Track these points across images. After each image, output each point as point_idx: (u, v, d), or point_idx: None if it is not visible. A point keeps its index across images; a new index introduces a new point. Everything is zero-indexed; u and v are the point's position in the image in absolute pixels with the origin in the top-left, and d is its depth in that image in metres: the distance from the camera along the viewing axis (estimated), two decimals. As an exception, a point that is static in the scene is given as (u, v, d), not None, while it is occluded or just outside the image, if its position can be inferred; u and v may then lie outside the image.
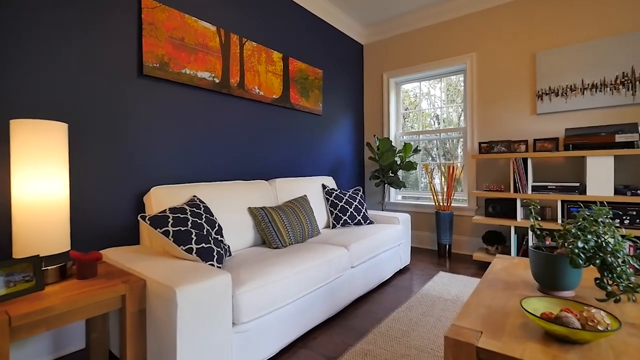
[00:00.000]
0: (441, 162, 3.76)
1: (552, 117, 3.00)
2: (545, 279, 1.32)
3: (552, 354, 0.92)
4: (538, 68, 3.05)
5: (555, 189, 2.66)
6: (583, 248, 1.15)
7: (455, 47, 3.51)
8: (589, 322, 0.96)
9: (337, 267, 1.97)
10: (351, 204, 2.87)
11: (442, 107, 3.90)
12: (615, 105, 2.72)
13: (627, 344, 0.96)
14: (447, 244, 3.33)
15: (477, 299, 1.31)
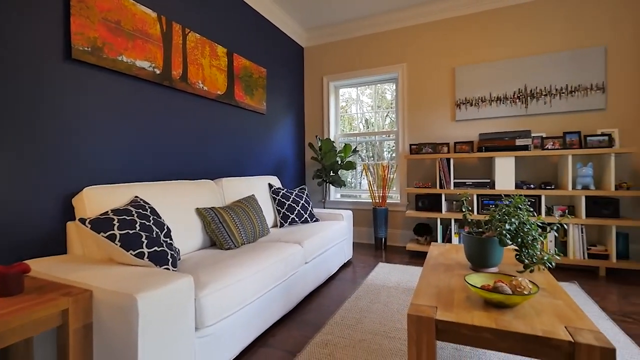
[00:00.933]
0: (369, 162, 4.06)
1: (468, 123, 3.49)
2: (477, 259, 1.56)
3: (494, 317, 1.10)
4: (457, 81, 3.52)
5: (472, 184, 3.11)
6: (509, 230, 1.40)
7: (389, 57, 3.84)
8: (517, 288, 1.18)
9: (292, 263, 2.00)
10: (298, 202, 2.92)
11: (370, 113, 4.22)
12: (514, 115, 3.30)
13: (542, 303, 1.20)
14: (383, 237, 3.61)
15: (426, 281, 1.48)
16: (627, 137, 2.93)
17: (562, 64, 3.13)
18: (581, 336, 0.98)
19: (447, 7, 3.50)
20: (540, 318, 1.10)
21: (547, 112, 3.18)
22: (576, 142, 2.93)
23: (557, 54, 3.15)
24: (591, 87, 3.04)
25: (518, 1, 3.27)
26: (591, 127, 3.03)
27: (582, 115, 3.08)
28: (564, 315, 1.12)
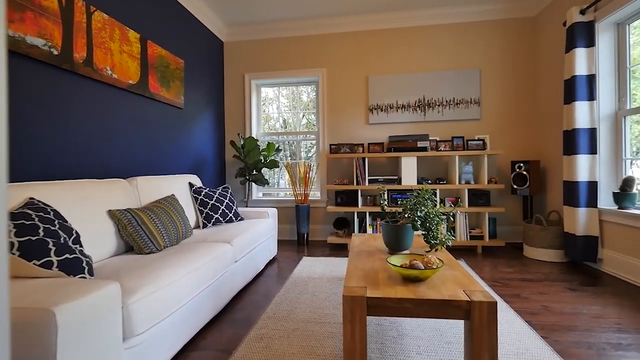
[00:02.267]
0: (292, 161, 4.19)
1: (379, 126, 3.90)
2: (394, 243, 1.81)
3: (412, 289, 1.32)
4: (370, 88, 3.90)
5: (383, 181, 3.50)
6: (420, 217, 1.66)
7: (310, 61, 4.01)
8: (428, 264, 1.43)
9: (223, 263, 1.96)
10: (222, 201, 2.84)
11: (288, 113, 4.35)
12: (415, 121, 3.83)
13: (446, 275, 1.48)
14: (306, 232, 3.77)
15: (353, 265, 1.66)
16: (496, 141, 3.71)
17: (451, 80, 3.77)
18: (474, 296, 1.25)
19: (361, 21, 3.85)
20: (446, 286, 1.35)
21: (440, 120, 3.79)
22: (461, 145, 3.57)
23: (447, 72, 3.78)
24: (471, 101, 3.74)
25: (418, 24, 3.80)
26: (471, 133, 3.73)
27: (465, 123, 3.76)
28: (461, 282, 1.40)
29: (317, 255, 3.24)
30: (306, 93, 4.33)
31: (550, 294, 2.11)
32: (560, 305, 1.95)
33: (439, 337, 1.63)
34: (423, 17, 3.77)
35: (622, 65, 2.68)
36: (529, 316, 1.81)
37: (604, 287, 2.24)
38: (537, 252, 2.96)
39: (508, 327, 1.69)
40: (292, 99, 4.37)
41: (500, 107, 3.72)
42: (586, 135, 2.70)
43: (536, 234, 2.95)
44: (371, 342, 1.62)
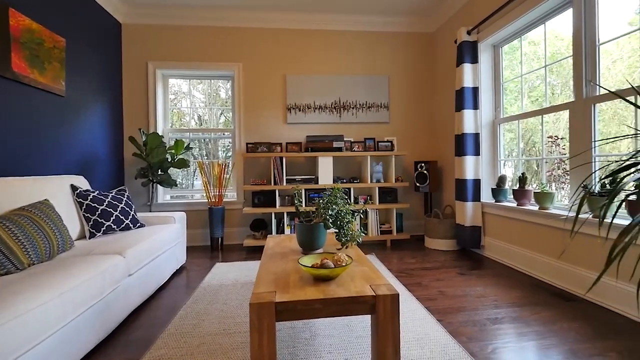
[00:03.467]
0: (204, 161, 3.91)
1: (297, 126, 3.89)
2: (307, 243, 1.79)
3: (322, 289, 1.30)
4: (288, 87, 3.86)
5: (300, 180, 3.50)
6: (331, 215, 1.67)
7: (225, 54, 3.78)
8: (338, 262, 1.44)
9: (112, 278, 1.68)
10: (116, 206, 2.46)
11: (204, 109, 4.06)
12: (331, 122, 3.93)
13: (355, 271, 1.51)
14: (220, 237, 3.54)
15: (265, 269, 1.58)
16: (402, 143, 4.04)
17: (363, 85, 3.98)
18: (379, 290, 1.29)
19: (281, 18, 3.78)
20: (354, 282, 1.38)
21: (354, 122, 3.97)
22: (372, 146, 3.79)
23: (361, 76, 3.97)
24: (381, 105, 4.01)
25: (335, 28, 3.91)
26: (381, 135, 4.00)
27: (376, 126, 4.01)
28: (369, 277, 1.44)
29: (232, 260, 3.06)
30: (224, 89, 4.08)
31: (445, 280, 2.36)
32: (452, 289, 2.19)
33: (350, 333, 1.66)
34: (340, 22, 3.89)
35: (497, 81, 3.17)
36: (428, 302, 1.99)
37: (485, 269, 2.61)
38: (435, 242, 3.31)
39: (411, 315, 1.82)
40: (208, 94, 4.07)
41: (405, 112, 4.07)
42: (472, 139, 3.12)
43: (434, 226, 3.31)
44: (282, 347, 1.56)
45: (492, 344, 1.52)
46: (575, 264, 2.14)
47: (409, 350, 1.50)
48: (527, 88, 2.83)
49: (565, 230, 2.20)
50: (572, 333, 1.60)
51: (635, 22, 1.97)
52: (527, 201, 2.58)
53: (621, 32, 2.02)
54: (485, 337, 1.57)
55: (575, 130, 2.24)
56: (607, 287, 1.90)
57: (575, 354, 1.43)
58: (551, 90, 2.59)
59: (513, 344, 1.52)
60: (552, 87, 2.57)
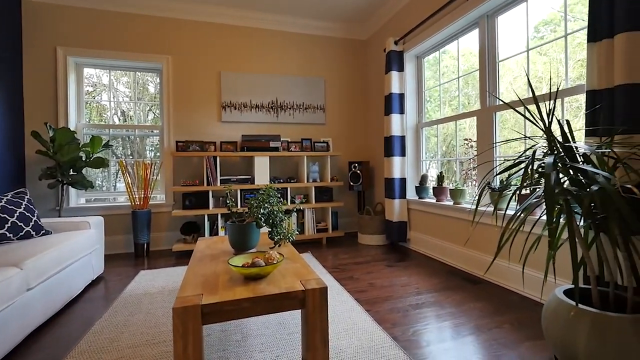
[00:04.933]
0: (128, 160, 3.60)
1: (233, 125, 3.78)
2: (239, 243, 1.76)
3: (252, 288, 1.29)
4: (223, 84, 3.73)
5: (236, 181, 3.41)
6: (263, 214, 1.66)
7: (153, 45, 3.50)
8: (269, 260, 1.44)
9: (4, 293, 1.44)
10: (13, 211, 2.12)
11: (129, 104, 3.73)
12: (269, 121, 3.90)
13: (287, 268, 1.53)
14: (145, 242, 3.27)
15: (192, 272, 1.51)
16: (337, 144, 4.19)
17: (301, 86, 4.03)
18: (309, 284, 1.33)
19: (216, 12, 3.64)
20: (285, 279, 1.39)
21: (292, 122, 3.99)
22: (309, 146, 3.86)
23: (297, 77, 4.02)
24: (317, 106, 4.10)
25: (273, 27, 3.90)
26: (317, 136, 4.10)
27: (312, 127, 4.09)
28: (300, 273, 1.47)
29: (159, 267, 2.85)
30: (153, 84, 3.77)
31: (374, 272, 2.52)
32: (381, 280, 2.35)
33: (282, 330, 1.67)
34: (278, 22, 3.89)
35: (420, 89, 3.48)
36: (358, 294, 2.10)
37: (410, 261, 2.85)
38: (367, 238, 3.50)
39: (342, 307, 1.91)
40: (134, 88, 3.72)
41: (340, 114, 4.23)
42: (399, 141, 3.37)
43: (366, 223, 3.50)
44: (212, 351, 1.51)
45: (413, 327, 1.67)
46: (480, 250, 2.46)
47: (338, 340, 1.56)
48: (448, 97, 3.15)
49: (476, 222, 2.51)
50: (477, 311, 1.83)
51: (529, 44, 2.34)
52: (444, 197, 2.88)
53: (518, 52, 2.38)
54: (407, 322, 1.72)
55: (481, 135, 2.57)
56: (503, 268, 2.22)
57: (479, 328, 1.64)
58: (467, 100, 2.92)
59: (430, 325, 1.69)
60: (468, 97, 2.91)
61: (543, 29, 2.22)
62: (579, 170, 1.26)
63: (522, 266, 1.43)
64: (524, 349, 1.46)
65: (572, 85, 1.95)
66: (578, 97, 1.96)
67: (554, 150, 1.35)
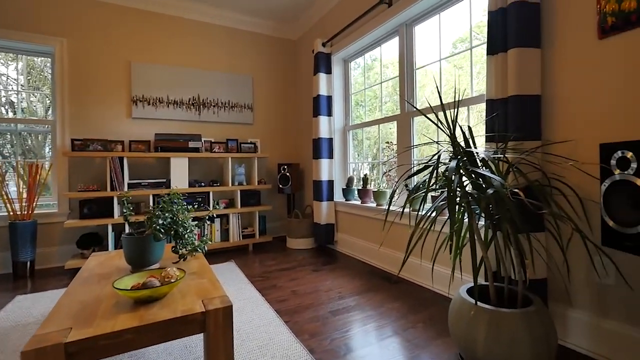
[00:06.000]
0: (19, 161, 2.98)
1: (145, 122, 3.37)
2: (137, 259, 1.51)
3: (140, 314, 1.09)
4: (133, 76, 3.30)
5: (148, 185, 3.03)
6: (162, 224, 1.45)
7: (42, 23, 2.93)
8: (165, 279, 1.25)
9: None
10: None
11: (20, 93, 3.08)
12: (189, 120, 3.58)
13: (190, 286, 1.35)
14: (29, 260, 2.72)
15: (68, 298, 1.24)
16: (265, 145, 4.03)
17: (227, 83, 3.78)
18: (211, 304, 1.17)
19: (116, -8, 3.19)
20: (185, 300, 1.21)
21: (216, 121, 3.72)
22: (235, 147, 3.64)
23: (223, 73, 3.76)
24: (244, 105, 3.90)
25: (196, 18, 3.58)
26: (244, 136, 3.89)
27: (239, 127, 3.87)
28: (204, 291, 1.30)
29: (43, 290, 2.37)
30: (47, 70, 3.16)
31: (299, 279, 2.43)
32: (304, 287, 2.27)
33: (188, 355, 1.48)
34: (203, 13, 3.58)
35: (347, 92, 3.52)
36: (279, 304, 1.99)
37: (336, 263, 2.84)
38: (296, 242, 3.42)
39: (259, 320, 1.77)
40: (26, 75, 3.07)
41: (269, 114, 4.08)
42: (327, 144, 3.36)
43: (295, 226, 3.41)
44: (93, 393, 1.25)
45: (332, 336, 1.61)
46: (398, 250, 2.54)
47: (251, 360, 1.43)
48: (378, 102, 3.22)
49: (394, 222, 2.59)
50: (394, 312, 1.86)
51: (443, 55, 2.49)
52: (369, 199, 2.93)
53: (432, 61, 2.51)
54: (326, 331, 1.66)
55: (401, 138, 2.67)
56: (417, 267, 2.32)
57: (395, 330, 1.66)
58: (394, 105, 3.00)
59: (350, 331, 1.65)
60: (394, 102, 3.00)
61: (460, 45, 2.38)
62: (478, 175, 1.33)
63: (432, 264, 1.47)
64: (434, 347, 1.50)
65: (477, 95, 2.11)
66: (483, 106, 2.13)
67: (458, 155, 1.41)
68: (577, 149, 1.47)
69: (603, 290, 1.40)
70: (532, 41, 1.57)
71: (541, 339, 1.17)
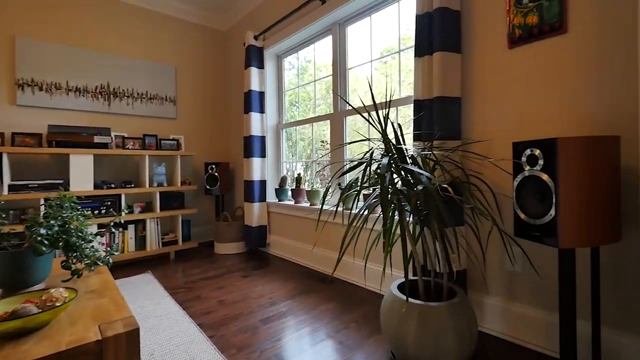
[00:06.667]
0: None
1: (35, 111, 2.80)
2: (10, 280, 1.19)
3: (6, 353, 0.83)
4: (19, 54, 2.71)
5: (38, 187, 2.50)
6: (46, 234, 1.16)
7: None
8: (47, 303, 0.99)
9: None
10: None
11: None
12: (95, 110, 3.08)
13: (85, 308, 1.10)
14: None
15: None
16: (191, 143, 3.70)
17: (144, 71, 3.36)
18: (111, 329, 0.96)
19: (-7, -52, 2.59)
20: (75, 327, 0.97)
21: (130, 114, 3.28)
22: (153, 144, 3.25)
23: (140, 61, 3.33)
24: (166, 98, 3.51)
25: (95, -10, 3.09)
26: (165, 132, 3.51)
27: (159, 121, 3.47)
28: (104, 313, 1.07)
29: None
30: None
31: (227, 287, 2.24)
32: (233, 295, 2.10)
33: (84, 392, 1.21)
34: (103, -15, 3.11)
35: (281, 89, 3.40)
36: (203, 317, 1.79)
37: (268, 267, 2.70)
38: (224, 247, 3.19)
39: (179, 339, 1.56)
40: None
41: (196, 109, 3.75)
42: (259, 142, 3.20)
43: (223, 230, 3.18)
44: None
45: (261, 347, 1.49)
46: (332, 249, 2.53)
47: (166, 388, 1.23)
48: (312, 102, 3.16)
49: (328, 222, 2.57)
50: (328, 313, 1.81)
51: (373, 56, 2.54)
52: (302, 199, 2.87)
53: (364, 62, 2.54)
54: (255, 342, 1.53)
55: (334, 137, 2.65)
56: (350, 265, 2.33)
57: (328, 333, 1.60)
58: (328, 107, 2.96)
59: (281, 340, 1.55)
60: (328, 105, 2.96)
61: (392, 43, 2.44)
62: (408, 171, 1.35)
63: (365, 262, 1.44)
64: (367, 347, 1.48)
65: (405, 96, 2.19)
66: (410, 109, 2.22)
67: (389, 152, 1.41)
68: (493, 148, 1.60)
69: (513, 277, 1.54)
70: (454, 46, 1.66)
71: (464, 328, 1.22)
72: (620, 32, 1.23)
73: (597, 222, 1.06)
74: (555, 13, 1.37)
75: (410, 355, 1.24)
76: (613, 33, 1.25)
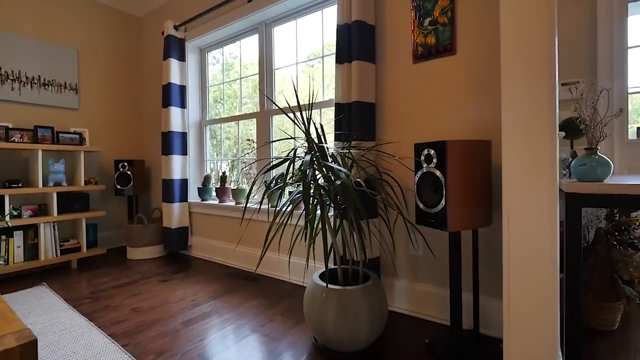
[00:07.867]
0: None
1: None
2: None
3: None
4: None
5: None
6: None
7: None
8: None
9: None
10: None
11: None
12: (-35, 94, 2.53)
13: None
14: None
15: None
16: (96, 137, 3.30)
17: (35, 53, 2.88)
18: (1, 345, 0.84)
19: None
20: (-55, 347, 0.82)
21: (16, 101, 2.79)
22: (49, 137, 2.82)
23: (30, 39, 2.85)
24: (65, 85, 3.07)
25: (-34, -51, 2.55)
26: (65, 125, 3.07)
27: (56, 111, 3.02)
28: (-15, 327, 0.92)
29: None
30: None
31: (142, 293, 2.08)
32: (149, 301, 1.96)
33: None
34: (-23, -56, 2.58)
35: (204, 84, 3.27)
36: (115, 327, 1.64)
37: (190, 270, 2.58)
38: (139, 251, 2.93)
39: (87, 352, 1.41)
40: None
41: (104, 100, 3.36)
42: (179, 138, 3.03)
43: (138, 233, 2.92)
44: None
45: (183, 349, 1.44)
46: (258, 247, 2.55)
47: (68, 405, 1.11)
48: (238, 101, 3.09)
49: (253, 219, 2.57)
50: (253, 310, 1.83)
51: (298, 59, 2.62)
52: (227, 198, 2.81)
53: (290, 63, 2.61)
54: (176, 346, 1.47)
55: (260, 136, 2.67)
56: (275, 261, 2.38)
57: (253, 328, 1.63)
58: (255, 106, 2.93)
59: (205, 340, 1.52)
60: (255, 103, 2.94)
61: (316, 47, 2.55)
62: (329, 167, 1.46)
63: (289, 255, 1.51)
64: (291, 336, 1.55)
65: (327, 99, 2.33)
66: (332, 112, 2.37)
67: (312, 150, 1.50)
68: (401, 148, 1.83)
69: (416, 261, 1.78)
70: (369, 57, 1.85)
71: (376, 309, 1.38)
72: (497, 55, 1.53)
73: (475, 209, 1.31)
74: (447, 37, 1.64)
75: (330, 337, 1.35)
76: (490, 56, 1.55)
